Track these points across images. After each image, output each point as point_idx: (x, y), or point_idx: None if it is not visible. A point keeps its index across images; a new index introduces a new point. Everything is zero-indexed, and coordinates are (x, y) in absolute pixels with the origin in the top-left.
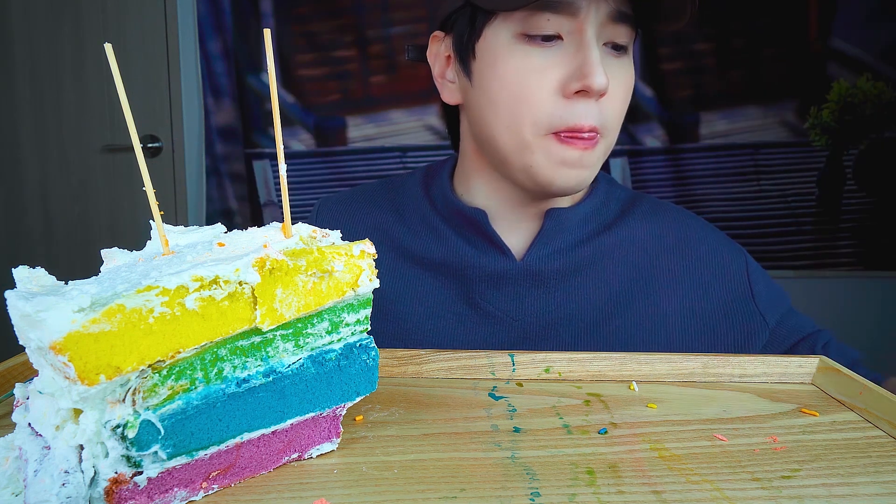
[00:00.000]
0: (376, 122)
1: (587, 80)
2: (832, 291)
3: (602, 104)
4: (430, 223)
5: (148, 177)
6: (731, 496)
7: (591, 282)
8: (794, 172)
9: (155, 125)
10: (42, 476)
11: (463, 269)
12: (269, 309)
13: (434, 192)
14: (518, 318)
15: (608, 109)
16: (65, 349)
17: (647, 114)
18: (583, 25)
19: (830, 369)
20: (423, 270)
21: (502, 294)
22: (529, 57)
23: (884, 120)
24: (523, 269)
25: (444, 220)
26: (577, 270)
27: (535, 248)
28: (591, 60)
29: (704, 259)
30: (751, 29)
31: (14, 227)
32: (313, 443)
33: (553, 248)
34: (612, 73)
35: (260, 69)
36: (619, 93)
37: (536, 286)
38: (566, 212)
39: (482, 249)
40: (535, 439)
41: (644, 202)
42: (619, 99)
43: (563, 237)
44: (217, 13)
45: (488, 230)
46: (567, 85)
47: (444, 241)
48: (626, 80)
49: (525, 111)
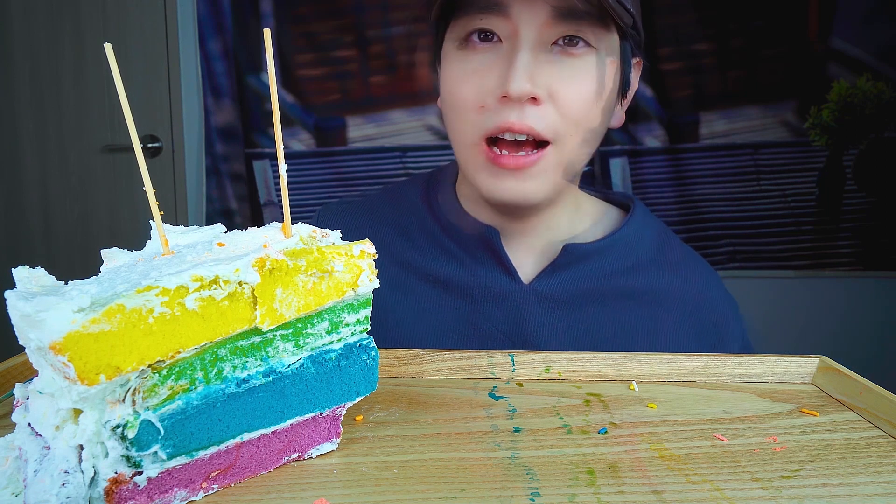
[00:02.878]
0: (376, 122)
1: (505, 86)
2: (832, 291)
3: (544, 109)
4: (436, 238)
5: (148, 177)
6: (731, 496)
7: (596, 317)
8: (794, 172)
9: (155, 125)
10: (42, 476)
11: (470, 287)
12: (269, 309)
13: (438, 203)
14: (517, 340)
15: (551, 115)
16: (65, 349)
17: (647, 114)
18: (516, 27)
19: (831, 369)
20: (426, 286)
21: (505, 314)
22: (467, 61)
23: (884, 120)
24: (529, 292)
25: (450, 235)
26: (583, 304)
27: (544, 275)
28: (512, 66)
29: (710, 326)
30: (750, 29)
31: (14, 227)
32: (313, 443)
33: (563, 279)
34: (559, 74)
35: (260, 69)
36: (571, 95)
37: (540, 312)
38: (583, 248)
39: (489, 267)
40: (535, 439)
41: (673, 251)
42: (568, 103)
43: (576, 270)
44: (217, 13)
45: (499, 249)
46: (495, 90)
47: (452, 257)
48: (580, 81)
49: (463, 116)
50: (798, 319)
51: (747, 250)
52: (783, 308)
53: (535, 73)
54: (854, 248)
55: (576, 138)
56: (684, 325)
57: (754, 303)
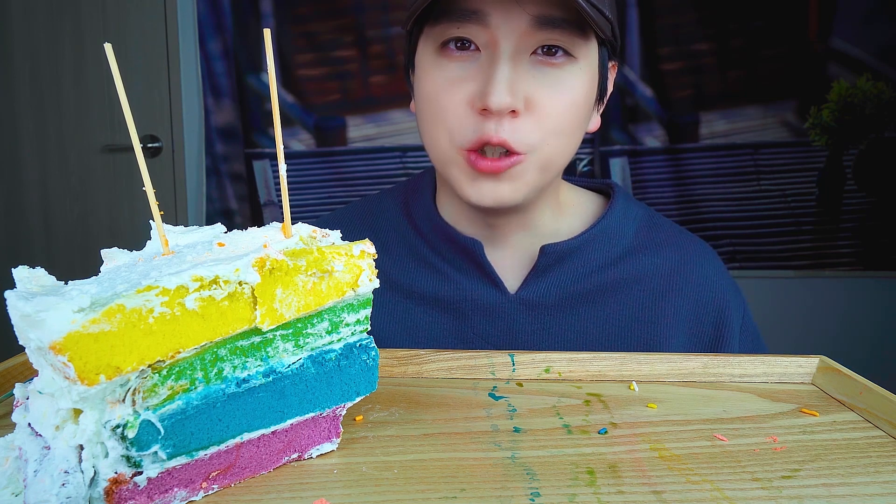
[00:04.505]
0: (376, 122)
1: (485, 99)
2: (832, 291)
3: (522, 121)
4: (418, 252)
5: (148, 177)
6: (731, 496)
7: (589, 318)
8: (794, 172)
9: (155, 125)
10: (42, 476)
11: (457, 302)
12: (269, 309)
13: (418, 215)
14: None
15: (528, 126)
16: (65, 349)
17: (647, 114)
18: (495, 37)
19: (831, 369)
20: (413, 304)
21: (496, 328)
22: (445, 70)
23: (884, 120)
24: (516, 302)
25: (433, 248)
26: (573, 306)
27: (529, 282)
28: (493, 78)
29: (708, 303)
30: (750, 29)
31: (14, 227)
32: (313, 443)
33: (548, 283)
34: (538, 84)
35: (260, 69)
36: (550, 105)
37: (531, 321)
38: (559, 247)
39: (474, 279)
40: (535, 439)
41: (661, 231)
42: (547, 113)
43: (559, 272)
44: (217, 13)
45: (483, 261)
46: (474, 101)
47: (436, 272)
48: (559, 91)
49: (441, 125)
50: (798, 319)
51: (747, 250)
52: (783, 308)
53: (515, 85)
54: (854, 248)
55: (554, 146)
56: (683, 308)
57: (754, 303)
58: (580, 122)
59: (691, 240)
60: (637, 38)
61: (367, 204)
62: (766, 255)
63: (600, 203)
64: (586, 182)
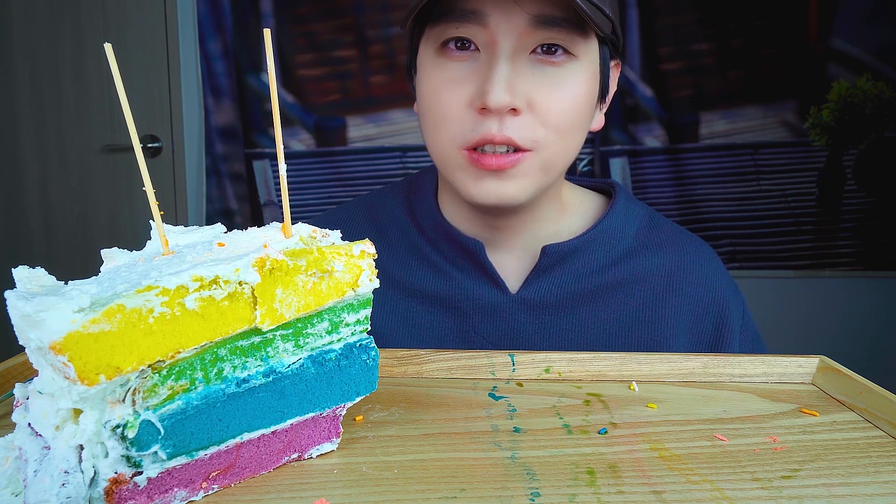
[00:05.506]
0: (376, 122)
1: (484, 98)
2: (832, 291)
3: (524, 119)
4: (420, 251)
5: (148, 177)
6: (731, 496)
7: (590, 318)
8: (794, 172)
9: (155, 125)
10: (42, 476)
11: (458, 301)
12: (269, 309)
13: (420, 213)
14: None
15: (531, 124)
16: (65, 349)
17: (647, 114)
18: (494, 36)
19: (831, 369)
20: (415, 302)
21: (497, 328)
22: (445, 70)
23: (884, 120)
24: (517, 302)
25: (435, 247)
26: (574, 306)
27: (530, 282)
28: (491, 77)
29: (709, 303)
30: (750, 29)
31: (14, 227)
32: (313, 443)
33: (549, 283)
34: (538, 83)
35: (260, 69)
36: (551, 104)
37: (531, 321)
38: (560, 247)
39: (475, 278)
40: (535, 439)
41: (661, 231)
42: (549, 112)
43: (560, 272)
44: (217, 13)
45: (484, 262)
46: (474, 101)
47: (437, 271)
48: (560, 90)
49: (442, 126)
50: (798, 319)
51: (747, 250)
52: (783, 308)
53: (515, 84)
54: (854, 248)
55: (557, 145)
56: (683, 308)
57: (754, 303)
58: (582, 120)
59: (691, 240)
60: (637, 38)
61: (371, 199)
62: (765, 255)
63: (601, 203)
64: (587, 181)
